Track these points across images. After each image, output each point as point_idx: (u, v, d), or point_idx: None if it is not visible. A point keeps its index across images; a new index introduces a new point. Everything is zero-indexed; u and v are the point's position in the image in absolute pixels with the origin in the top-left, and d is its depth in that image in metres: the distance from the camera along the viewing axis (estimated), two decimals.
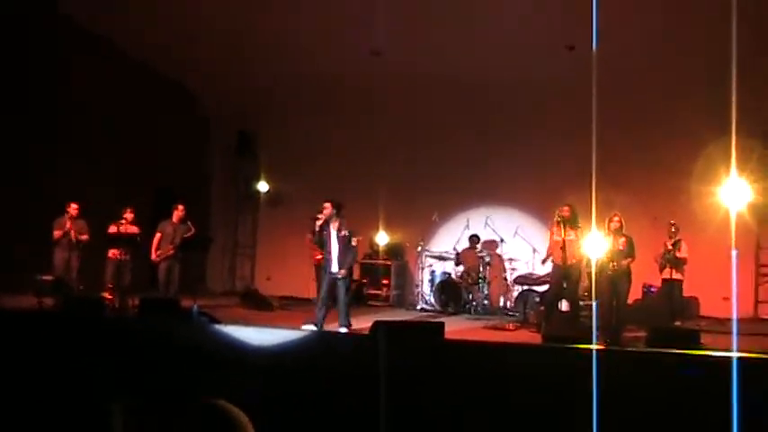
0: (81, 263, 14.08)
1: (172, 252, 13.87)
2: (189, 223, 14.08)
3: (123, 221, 13.74)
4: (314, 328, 11.77)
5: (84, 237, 14.03)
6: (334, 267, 12.28)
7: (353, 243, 12.68)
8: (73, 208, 13.86)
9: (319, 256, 15.47)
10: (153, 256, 13.94)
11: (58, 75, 15.26)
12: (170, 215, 14.21)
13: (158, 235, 14.03)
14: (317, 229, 12.43)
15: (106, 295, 13.58)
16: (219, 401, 2.34)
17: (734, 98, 8.51)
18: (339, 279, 12.28)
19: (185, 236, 13.91)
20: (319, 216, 12.31)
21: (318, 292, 12.79)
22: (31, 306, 12.08)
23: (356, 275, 17.69)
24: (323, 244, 12.55)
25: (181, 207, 14.21)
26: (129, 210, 13.86)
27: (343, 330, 12.05)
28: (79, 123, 15.68)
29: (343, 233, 12.33)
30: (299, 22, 15.21)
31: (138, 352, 7.47)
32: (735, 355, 6.09)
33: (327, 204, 12.34)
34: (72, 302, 11.10)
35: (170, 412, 2.26)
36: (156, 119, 17.57)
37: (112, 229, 13.80)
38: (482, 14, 14.63)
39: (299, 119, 18.85)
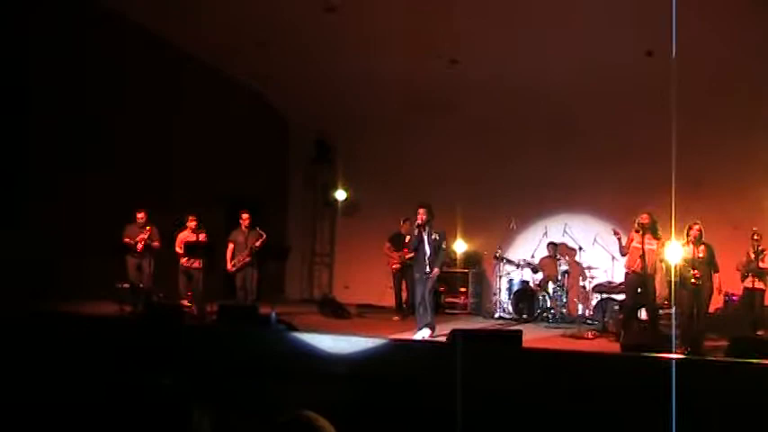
0: (154, 270, 14.31)
1: (248, 259, 14.01)
2: (258, 229, 14.20)
3: (187, 228, 13.95)
4: (429, 332, 12.09)
5: (156, 243, 14.25)
6: (427, 268, 12.60)
7: (443, 246, 13.03)
8: (140, 215, 14.12)
9: (396, 265, 15.54)
10: (229, 267, 14.09)
11: (132, 82, 15.48)
12: (239, 225, 14.37)
13: (231, 245, 14.19)
14: (416, 233, 12.75)
15: (185, 303, 13.79)
16: (306, 412, 2.37)
17: None
18: (428, 279, 12.61)
19: (257, 243, 14.03)
20: (418, 222, 12.69)
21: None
22: (113, 312, 12.31)
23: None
24: (417, 248, 12.80)
25: (245, 216, 14.33)
26: (191, 218, 14.05)
27: (427, 332, 12.35)
28: (157, 132, 15.91)
29: (434, 236, 12.68)
30: (378, 28, 15.26)
31: (218, 359, 7.58)
32: None
33: (422, 210, 12.69)
34: (153, 309, 11.31)
35: (255, 421, 2.31)
36: (235, 126, 17.74)
37: (183, 235, 14.01)
38: (559, 21, 14.55)
39: (377, 126, 18.87)
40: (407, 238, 13.01)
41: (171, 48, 16.23)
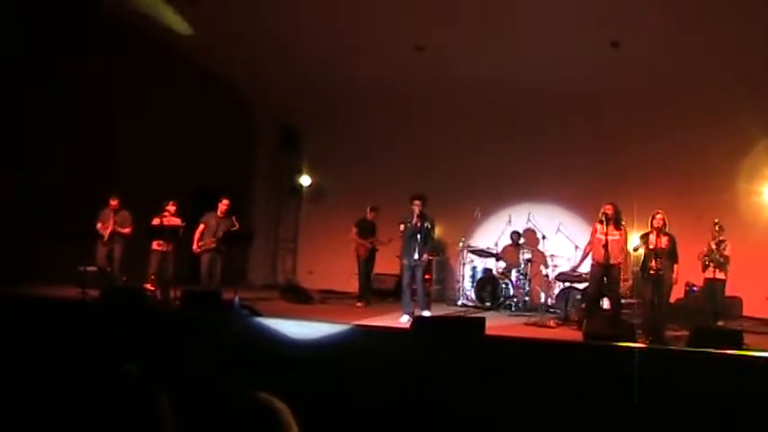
0: (125, 255, 14.29)
1: (213, 245, 13.94)
2: (233, 218, 14.13)
3: (166, 214, 13.87)
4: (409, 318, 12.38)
5: (127, 229, 14.24)
6: (416, 255, 13.10)
7: (433, 234, 13.63)
8: (113, 202, 14.10)
9: (363, 252, 15.55)
10: (194, 247, 14.03)
11: (98, 70, 15.32)
12: (214, 208, 14.28)
13: (201, 226, 14.10)
14: (413, 223, 13.06)
15: (148, 287, 13.71)
16: (263, 395, 2.35)
17: None
18: (419, 266, 13.10)
19: (230, 230, 13.97)
20: (417, 213, 13.03)
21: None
22: (74, 296, 12.20)
23: (397, 270, 17.73)
24: (411, 236, 13.13)
25: (226, 201, 14.25)
26: (171, 203, 13.97)
27: (427, 314, 12.88)
28: (124, 118, 15.80)
29: (426, 224, 13.15)
30: (343, 17, 15.23)
31: (179, 343, 7.53)
32: None
33: (419, 202, 13.06)
34: (112, 292, 11.21)
35: (216, 405, 2.29)
36: (200, 113, 17.66)
37: (155, 221, 13.92)
38: (523, 11, 14.58)
39: (343, 114, 18.87)
40: (401, 226, 13.08)
41: (138, 37, 16.10)
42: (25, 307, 8.93)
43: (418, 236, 13.07)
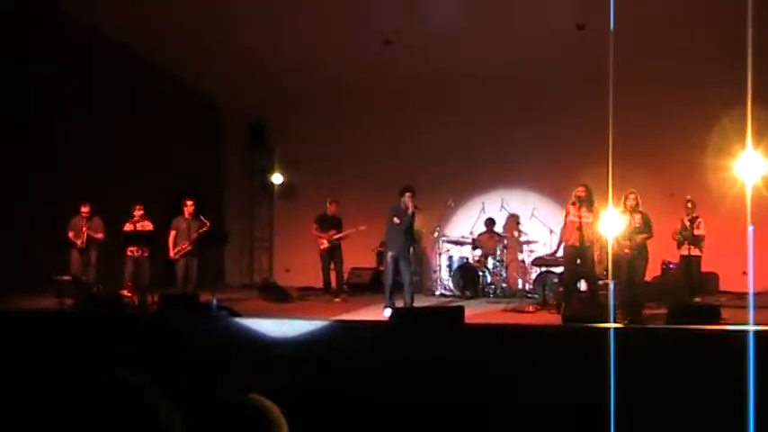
0: (99, 262, 14.22)
1: (189, 248, 13.91)
2: (201, 218, 14.08)
3: (136, 218, 13.84)
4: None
5: (100, 235, 14.18)
6: (408, 247, 13.28)
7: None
8: (84, 209, 14.03)
9: (324, 245, 15.52)
10: (171, 254, 13.98)
11: (68, 75, 15.27)
12: (183, 212, 14.26)
13: (173, 232, 14.06)
14: (410, 214, 12.97)
15: (125, 293, 13.67)
16: (252, 396, 2.36)
17: (749, 68, 8.48)
18: (406, 258, 13.10)
19: (200, 231, 13.94)
20: (414, 206, 12.97)
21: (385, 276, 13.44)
22: (51, 306, 12.15)
23: (373, 263, 17.73)
24: (405, 230, 13.07)
25: (190, 202, 14.19)
26: (138, 207, 13.94)
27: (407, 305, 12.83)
28: (92, 121, 15.71)
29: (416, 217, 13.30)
30: (310, 13, 15.20)
31: (160, 348, 7.51)
32: (752, 328, 6.09)
33: (410, 194, 13.00)
34: (90, 301, 11.18)
35: (206, 408, 2.28)
36: (169, 115, 17.62)
37: (128, 227, 13.88)
38: None
39: (311, 110, 18.86)
40: (395, 219, 13.01)
41: (114, 43, 16.06)
42: (4, 320, 8.87)
43: (411, 230, 13.18)
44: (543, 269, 15.31)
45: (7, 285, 12.59)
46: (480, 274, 16.35)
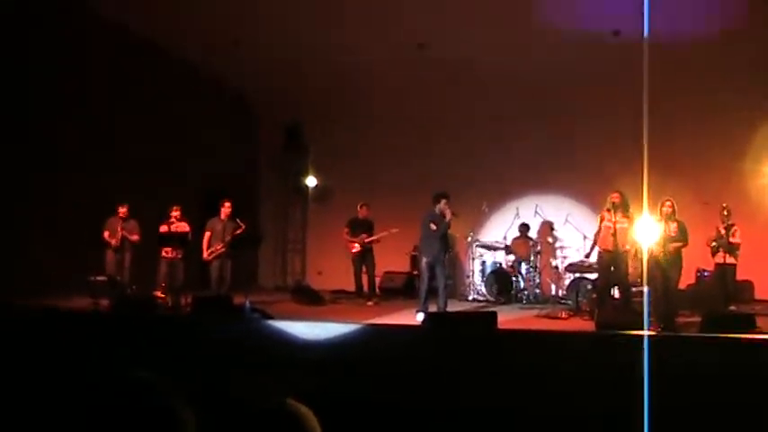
0: (134, 263, 14.29)
1: (223, 249, 13.97)
2: (237, 220, 14.14)
3: (173, 220, 13.89)
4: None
5: (135, 237, 14.23)
6: (442, 253, 13.33)
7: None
8: (122, 210, 14.10)
9: (356, 249, 15.54)
10: (204, 255, 14.05)
11: (106, 76, 15.35)
12: (219, 213, 14.31)
13: (208, 233, 14.14)
14: (448, 221, 13.15)
15: (159, 294, 13.73)
16: (289, 400, 2.35)
17: None
18: (441, 263, 13.17)
19: (235, 233, 13.99)
20: (452, 212, 13.15)
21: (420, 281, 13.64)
22: (86, 306, 12.22)
23: (407, 267, 17.71)
24: (442, 236, 13.25)
25: (227, 204, 14.28)
26: (175, 208, 13.97)
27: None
28: (130, 124, 15.78)
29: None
30: (344, 16, 15.22)
31: (192, 350, 7.54)
32: None
33: (445, 200, 13.18)
34: (123, 302, 11.24)
35: (239, 412, 2.28)
36: (204, 118, 17.67)
37: (163, 228, 13.94)
38: (524, 2, 14.57)
39: (346, 112, 18.85)
40: (432, 225, 13.05)
41: (146, 44, 16.12)
42: (40, 319, 8.93)
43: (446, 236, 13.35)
44: (576, 275, 15.26)
45: (42, 285, 12.65)
46: (513, 279, 16.33)
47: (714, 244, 13.23)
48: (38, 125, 14.22)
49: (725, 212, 13.24)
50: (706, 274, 14.44)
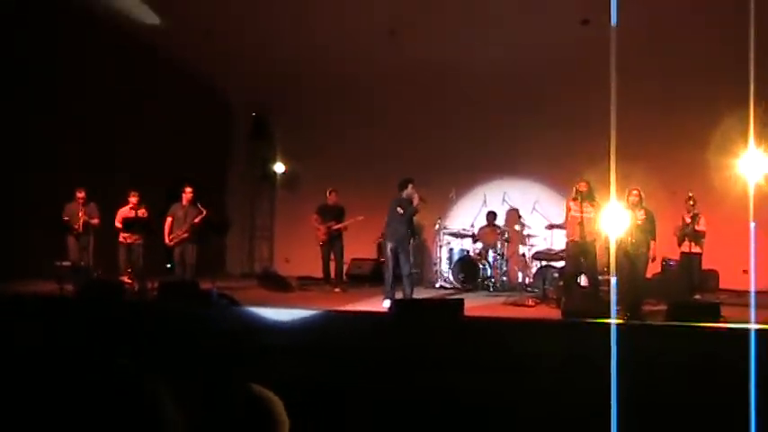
0: (96, 247, 14.20)
1: (186, 235, 13.93)
2: (199, 206, 14.10)
3: (129, 204, 13.85)
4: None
5: (95, 221, 14.15)
6: (409, 238, 13.48)
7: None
8: (80, 194, 14.01)
9: (323, 236, 15.53)
10: (166, 240, 14.01)
11: (70, 63, 15.19)
12: (180, 199, 14.27)
13: (169, 219, 14.11)
14: (416, 207, 13.21)
15: (125, 279, 13.69)
16: (255, 386, 2.33)
17: (752, 68, 8.45)
18: (405, 249, 13.25)
19: (197, 218, 13.95)
20: (420, 197, 13.20)
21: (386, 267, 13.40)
22: (52, 291, 12.15)
23: (374, 254, 17.70)
24: (408, 221, 13.30)
25: (189, 190, 14.23)
26: (133, 194, 13.92)
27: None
28: (95, 109, 15.65)
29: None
30: (315, 4, 15.18)
31: (160, 335, 7.51)
32: (753, 327, 6.08)
33: (412, 185, 13.21)
34: (92, 287, 11.17)
35: (207, 396, 2.26)
36: (172, 105, 17.55)
37: (129, 213, 13.88)
38: None
39: (314, 101, 18.82)
40: (399, 209, 13.02)
41: (114, 31, 15.97)
42: (6, 305, 8.87)
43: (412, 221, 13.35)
44: (543, 263, 15.31)
45: (5, 271, 12.59)
46: (481, 267, 16.36)
47: (680, 233, 13.30)
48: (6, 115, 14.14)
49: (690, 202, 13.29)
50: (672, 263, 14.52)
